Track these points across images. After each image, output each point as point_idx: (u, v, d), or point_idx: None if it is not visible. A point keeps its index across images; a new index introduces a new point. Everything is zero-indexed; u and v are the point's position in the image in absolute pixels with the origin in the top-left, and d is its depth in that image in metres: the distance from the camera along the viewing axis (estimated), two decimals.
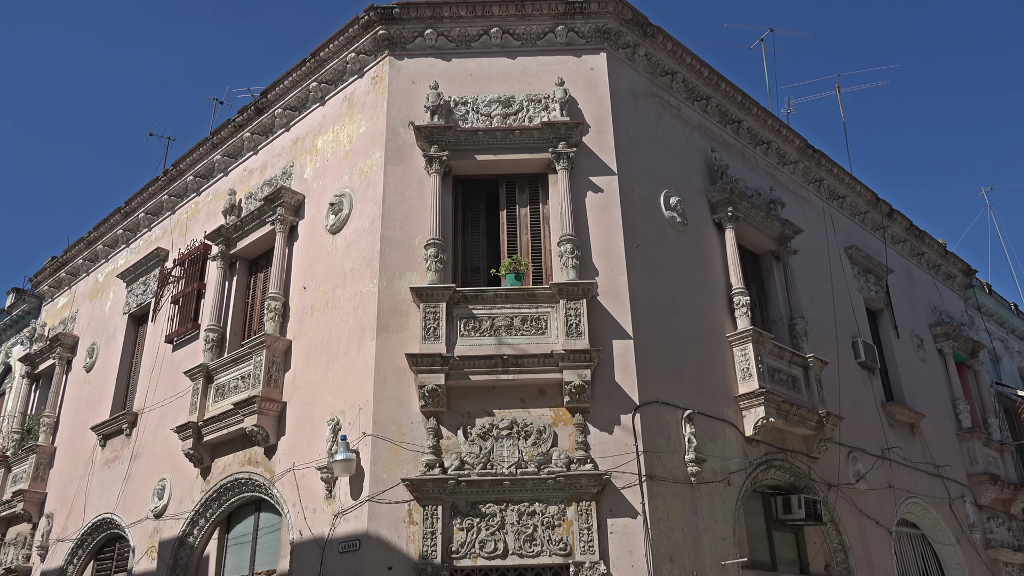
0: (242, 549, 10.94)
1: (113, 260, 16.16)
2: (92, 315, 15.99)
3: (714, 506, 9.78)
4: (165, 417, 12.49)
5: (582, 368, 9.27)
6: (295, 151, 12.49)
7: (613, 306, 9.87)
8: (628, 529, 8.84)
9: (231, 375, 11.27)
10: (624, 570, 8.66)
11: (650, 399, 9.55)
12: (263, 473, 10.50)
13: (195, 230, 13.82)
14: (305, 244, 11.56)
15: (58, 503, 14.40)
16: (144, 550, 11.88)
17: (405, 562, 8.70)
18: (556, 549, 8.75)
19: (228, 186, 13.43)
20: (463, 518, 8.93)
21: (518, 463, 9.10)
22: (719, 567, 9.47)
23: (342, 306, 10.39)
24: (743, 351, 10.96)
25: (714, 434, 10.19)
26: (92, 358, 15.22)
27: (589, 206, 10.42)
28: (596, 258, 10.12)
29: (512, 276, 9.96)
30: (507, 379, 9.35)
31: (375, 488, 9.03)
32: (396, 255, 10.12)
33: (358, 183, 10.99)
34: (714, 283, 11.42)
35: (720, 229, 11.94)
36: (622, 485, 9.00)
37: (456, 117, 10.84)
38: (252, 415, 10.46)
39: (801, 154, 14.51)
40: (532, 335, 9.56)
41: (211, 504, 11.13)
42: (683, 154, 12.01)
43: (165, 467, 12.12)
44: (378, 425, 9.29)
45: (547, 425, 9.29)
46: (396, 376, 9.48)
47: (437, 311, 9.56)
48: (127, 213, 15.69)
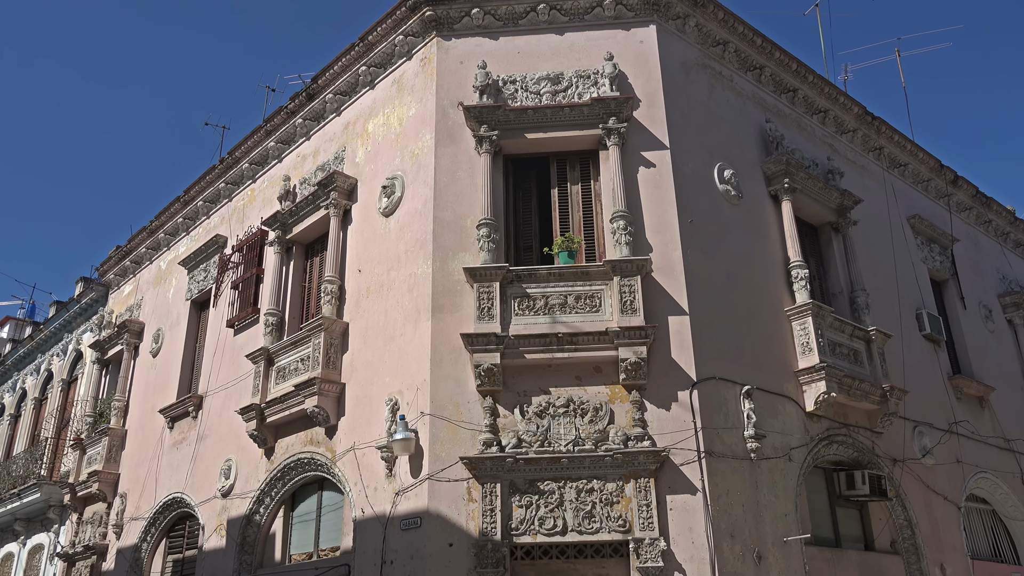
0: (306, 527, 11.21)
1: (174, 248, 16.59)
2: (156, 302, 16.47)
3: (775, 482, 9.66)
4: (229, 399, 12.83)
5: (637, 345, 9.21)
6: (346, 135, 12.61)
7: (668, 282, 9.77)
8: (688, 506, 8.80)
9: (291, 357, 11.51)
10: (684, 546, 8.63)
11: (707, 375, 9.45)
12: (325, 453, 10.73)
13: (252, 216, 14.09)
14: (359, 227, 11.69)
15: (131, 483, 14.95)
16: (213, 528, 12.27)
17: (465, 539, 8.81)
18: (615, 526, 8.76)
19: (282, 172, 13.65)
20: (522, 495, 8.99)
21: (575, 441, 9.11)
22: (781, 544, 9.36)
23: (397, 288, 10.50)
24: (802, 325, 10.76)
25: (774, 410, 10.05)
26: (158, 343, 15.70)
27: (641, 182, 10.30)
28: (650, 234, 10.02)
29: (565, 254, 9.92)
30: (562, 357, 9.35)
31: (434, 467, 9.15)
32: (449, 236, 10.17)
33: (409, 165, 11.05)
34: (771, 257, 11.21)
35: (776, 201, 11.69)
36: (681, 462, 8.95)
37: (505, 96, 10.80)
38: (312, 396, 10.67)
39: (860, 122, 14.09)
40: (586, 313, 9.53)
41: (275, 483, 11.43)
42: (737, 126, 11.77)
43: (230, 448, 12.47)
44: (435, 405, 9.39)
45: (603, 403, 9.28)
46: (452, 356, 9.56)
47: (491, 291, 9.58)
48: (186, 202, 16.08)
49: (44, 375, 21.16)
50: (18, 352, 23.09)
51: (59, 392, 19.79)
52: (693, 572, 8.54)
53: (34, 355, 22.30)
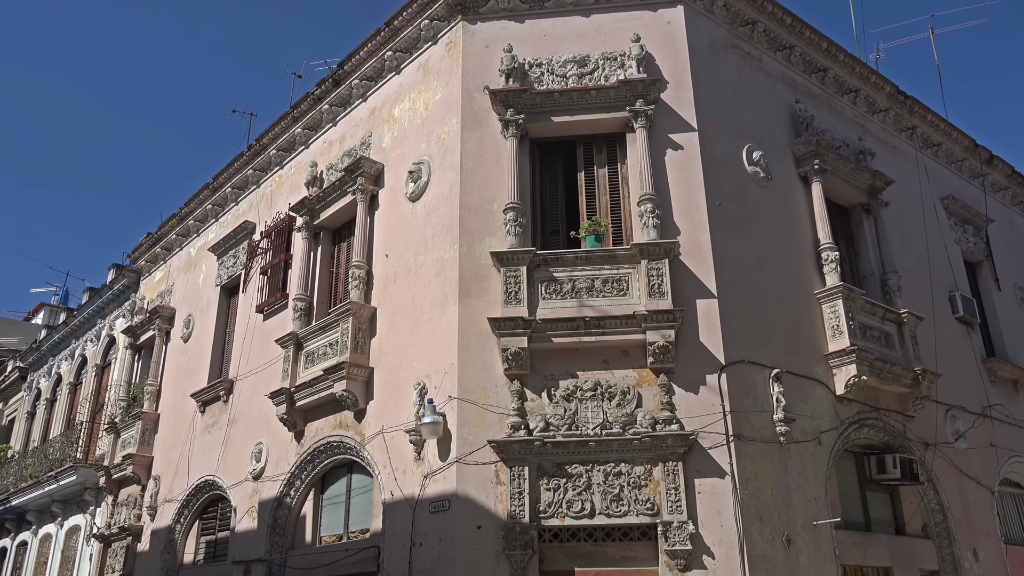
0: (336, 509, 11.35)
1: (204, 234, 16.77)
2: (187, 288, 16.68)
3: (804, 466, 9.60)
4: (259, 384, 12.99)
5: (665, 328, 9.17)
6: (373, 121, 12.63)
7: (696, 265, 9.70)
8: (716, 489, 8.77)
9: (320, 342, 11.61)
10: (713, 530, 8.62)
11: (736, 359, 9.39)
12: (354, 436, 10.83)
13: (280, 203, 14.19)
14: (386, 212, 11.73)
15: (164, 466, 15.22)
16: (245, 510, 12.45)
17: (494, 521, 8.87)
18: (643, 509, 8.76)
19: (309, 158, 13.71)
20: (549, 478, 9.02)
21: (603, 424, 9.11)
22: (811, 527, 9.32)
23: (424, 272, 10.53)
24: (833, 308, 10.64)
25: (803, 393, 9.97)
26: (188, 329, 15.92)
27: (669, 164, 10.22)
28: (677, 217, 9.95)
29: (592, 238, 9.89)
30: (589, 341, 9.33)
31: (462, 450, 9.20)
32: (475, 220, 10.17)
33: (436, 150, 11.05)
34: (801, 239, 11.09)
35: (806, 183, 11.55)
36: (709, 445, 8.92)
37: (531, 79, 10.74)
38: (341, 380, 10.77)
39: (892, 101, 13.85)
40: (614, 296, 9.50)
41: (306, 466, 11.57)
42: (766, 106, 11.63)
43: (261, 431, 12.63)
44: (463, 388, 9.43)
45: (631, 386, 9.26)
46: (479, 340, 9.58)
47: (518, 275, 9.58)
48: (215, 188, 16.23)
49: (78, 360, 21.56)
50: (53, 338, 23.54)
51: (93, 377, 20.15)
52: (722, 555, 8.52)
53: (68, 341, 22.72)
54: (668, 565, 8.54)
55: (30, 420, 24.15)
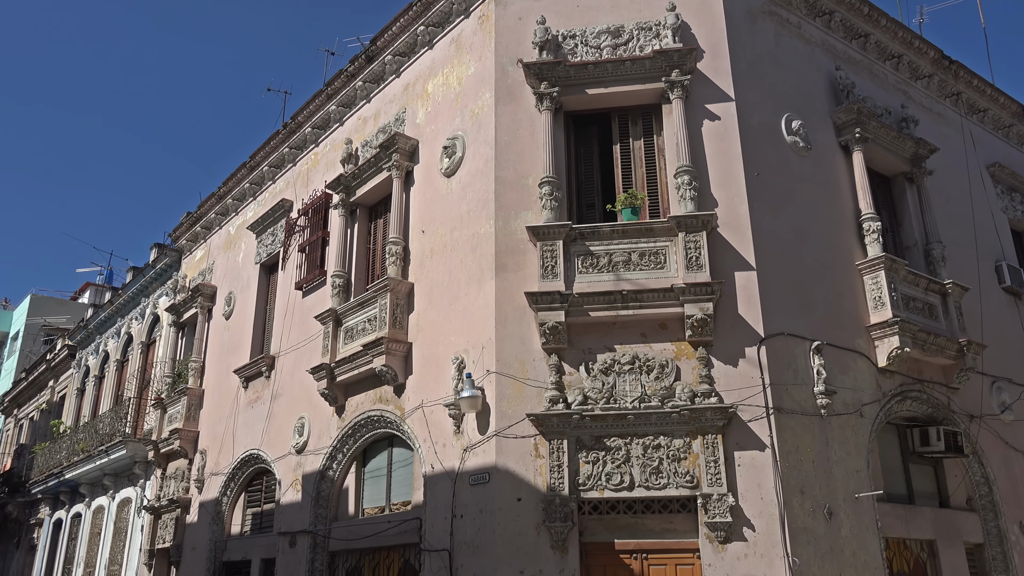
0: (378, 482, 11.54)
1: (242, 213, 16.99)
2: (227, 266, 16.95)
3: (846, 438, 9.52)
4: (300, 359, 13.20)
5: (703, 301, 9.11)
6: (406, 97, 12.64)
7: (734, 237, 9.60)
8: (756, 462, 8.75)
9: (358, 318, 11.75)
10: (753, 502, 8.61)
11: (776, 331, 9.31)
12: (394, 410, 10.98)
13: (316, 180, 14.31)
14: (421, 188, 11.77)
15: (210, 440, 15.58)
16: (289, 483, 12.73)
17: (533, 494, 8.96)
18: (683, 481, 8.78)
19: (344, 135, 13.78)
20: (588, 451, 9.07)
21: (641, 397, 9.12)
22: (852, 500, 9.26)
23: (460, 248, 10.57)
24: (874, 279, 10.48)
25: (845, 365, 9.86)
26: (230, 306, 16.20)
27: (706, 135, 10.08)
28: (715, 189, 9.83)
29: (628, 211, 9.82)
30: (627, 314, 9.32)
31: (501, 423, 9.28)
32: (511, 195, 10.16)
33: (470, 125, 11.03)
34: (841, 209, 10.90)
35: (847, 152, 11.33)
36: (749, 418, 8.88)
37: (565, 51, 10.64)
38: (380, 356, 10.90)
39: (936, 67, 13.47)
40: (651, 270, 9.45)
41: (347, 440, 11.76)
42: (805, 75, 11.39)
43: (303, 406, 12.86)
44: (501, 363, 9.49)
45: (669, 359, 9.24)
46: (516, 314, 9.62)
47: (554, 249, 9.57)
48: (252, 167, 16.40)
49: (124, 338, 22.08)
50: (99, 317, 24.12)
51: (139, 354, 20.64)
52: (762, 527, 8.52)
53: (114, 319, 23.26)
54: (708, 537, 8.57)
55: (80, 396, 24.86)
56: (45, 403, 28.61)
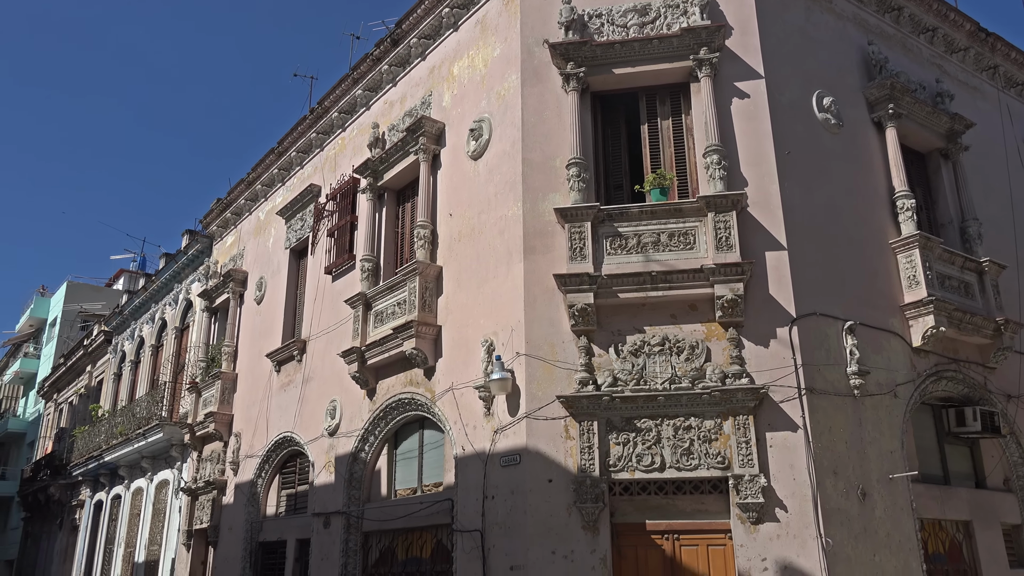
0: (410, 464, 11.66)
1: (272, 198, 17.13)
2: (257, 251, 17.13)
3: (880, 419, 9.43)
4: (331, 343, 13.33)
5: (734, 282, 9.04)
6: (432, 80, 12.62)
7: (765, 217, 9.50)
8: (788, 443, 8.70)
9: (388, 302, 11.82)
10: (785, 483, 8.57)
11: (808, 311, 9.21)
12: (424, 393, 11.06)
13: (344, 165, 14.37)
14: (448, 172, 11.78)
15: (244, 423, 15.83)
16: (322, 465, 12.90)
17: (564, 475, 8.99)
18: (714, 463, 8.76)
19: (371, 120, 13.81)
20: (619, 433, 9.07)
21: (671, 379, 9.10)
22: (887, 481, 9.18)
23: (488, 230, 10.58)
24: (908, 258, 10.32)
25: (878, 345, 9.74)
26: (261, 291, 16.38)
27: (735, 113, 9.96)
28: (745, 167, 9.72)
29: (657, 191, 9.76)
30: (656, 296, 9.27)
31: (531, 405, 9.32)
32: (538, 177, 10.13)
33: (496, 107, 11.00)
34: (874, 187, 10.73)
35: (880, 128, 11.12)
36: (780, 399, 8.82)
37: (591, 31, 10.55)
38: (410, 339, 10.97)
39: (972, 39, 13.15)
40: (680, 250, 9.39)
41: (378, 422, 11.89)
42: (836, 50, 11.18)
43: (334, 389, 13.00)
44: (530, 345, 9.51)
45: (699, 340, 9.19)
46: (545, 297, 9.62)
47: (582, 231, 9.54)
48: (280, 153, 16.51)
49: (159, 323, 22.44)
50: (134, 303, 24.53)
51: (173, 339, 20.98)
52: (795, 508, 8.49)
53: (148, 305, 23.65)
54: (740, 518, 8.55)
55: (117, 381, 25.35)
56: (83, 388, 29.22)
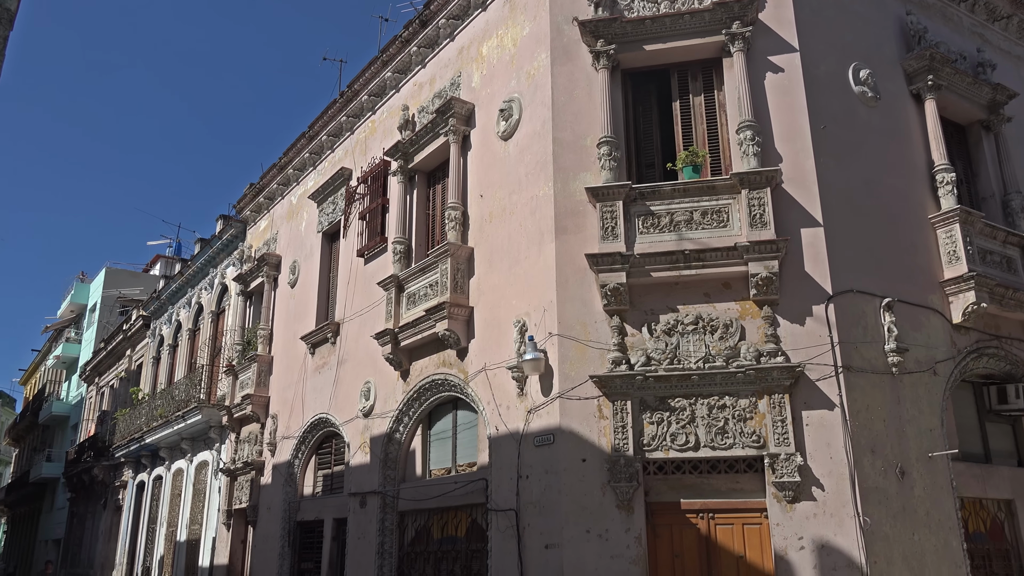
0: (444, 444, 11.75)
1: (303, 183, 17.26)
2: (290, 235, 17.29)
3: (919, 397, 9.29)
4: (364, 325, 13.44)
5: (768, 259, 8.93)
6: (461, 60, 12.58)
7: (800, 193, 9.35)
8: (825, 421, 8.61)
9: (420, 283, 11.88)
10: (822, 462, 8.49)
11: (844, 288, 9.08)
12: (457, 374, 11.12)
13: (374, 148, 14.41)
14: (479, 152, 11.76)
15: (280, 405, 16.06)
16: (357, 445, 13.06)
17: (598, 454, 9.00)
18: (749, 441, 8.71)
19: (401, 102, 13.82)
20: (652, 412, 9.05)
21: (705, 358, 9.04)
22: (926, 459, 9.06)
23: (519, 211, 10.55)
24: (948, 233, 10.11)
25: (917, 322, 9.58)
26: (294, 274, 16.55)
27: (769, 88, 9.80)
28: (779, 143, 9.57)
29: (689, 169, 9.65)
30: (689, 274, 9.20)
31: (564, 385, 9.32)
32: (569, 156, 10.07)
33: (526, 87, 10.93)
34: (913, 161, 10.51)
35: (919, 101, 10.88)
36: (817, 377, 8.73)
37: (621, 7, 10.41)
38: (443, 320, 11.02)
39: (1015, 6, 12.78)
40: (713, 228, 9.30)
41: (412, 403, 11.98)
42: (873, 21, 10.93)
43: (368, 371, 13.12)
44: (563, 325, 9.50)
45: (733, 319, 9.11)
46: (577, 277, 9.59)
47: (614, 210, 9.48)
48: (311, 137, 16.60)
49: (195, 308, 22.80)
50: (170, 288, 24.93)
51: (209, 323, 21.30)
52: (832, 487, 8.41)
53: (185, 290, 24.02)
54: (776, 497, 8.51)
55: (156, 364, 25.84)
56: (124, 371, 29.84)
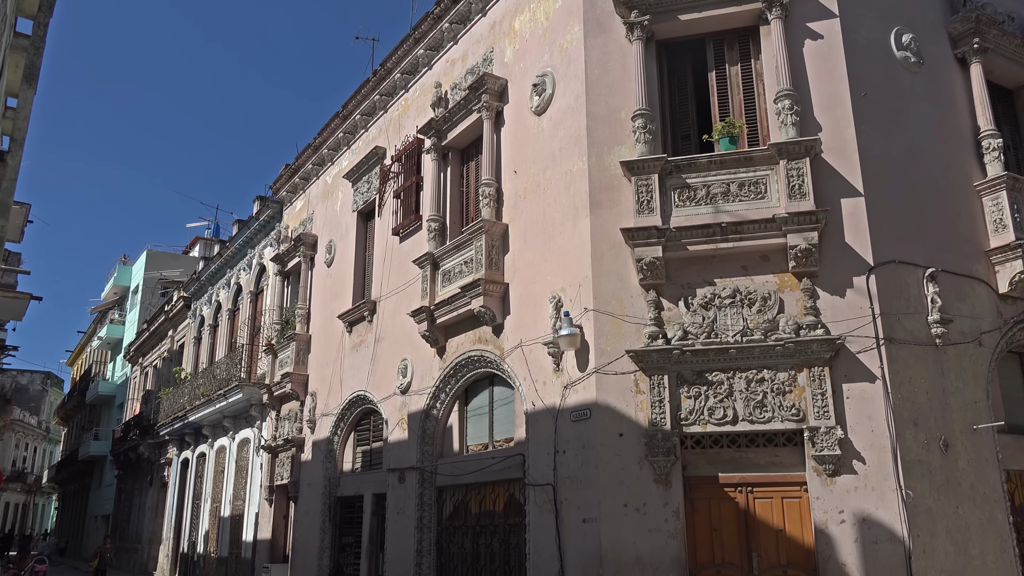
0: (480, 420, 11.83)
1: (338, 162, 17.35)
2: (326, 215, 17.42)
3: (963, 368, 9.12)
4: (400, 303, 13.53)
5: (808, 231, 8.79)
6: (493, 35, 12.49)
7: (840, 163, 9.17)
8: (866, 394, 8.49)
9: (455, 261, 11.91)
10: (863, 435, 8.39)
11: (886, 259, 8.91)
12: (493, 350, 11.16)
13: (407, 126, 14.42)
14: (512, 128, 11.70)
15: (319, 383, 16.28)
16: (395, 422, 13.20)
17: (635, 429, 8.99)
18: (788, 415, 8.63)
19: (433, 79, 13.79)
20: (690, 386, 9.01)
21: (743, 331, 8.95)
22: (970, 431, 8.91)
23: (553, 186, 10.50)
24: (995, 200, 9.85)
25: (961, 293, 9.38)
26: (331, 254, 16.70)
27: (808, 56, 9.59)
28: (818, 112, 9.38)
29: (726, 140, 9.51)
30: (726, 247, 9.10)
31: (600, 360, 9.31)
32: (603, 130, 9.98)
33: (559, 60, 10.83)
34: (958, 127, 10.24)
35: (964, 65, 10.57)
36: (857, 349, 8.60)
37: None
38: (478, 297, 11.05)
39: None
40: (751, 200, 9.16)
41: (449, 380, 12.07)
42: None
43: (405, 348, 13.23)
44: (598, 300, 9.47)
45: (772, 292, 9.00)
46: (613, 251, 9.54)
47: (649, 183, 9.39)
48: (345, 116, 16.66)
49: (234, 288, 23.14)
50: (210, 269, 25.32)
51: (248, 303, 21.62)
52: (873, 460, 8.31)
53: (224, 271, 24.38)
54: (816, 470, 8.43)
55: (197, 344, 26.34)
56: (166, 351, 30.47)
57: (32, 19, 8.74)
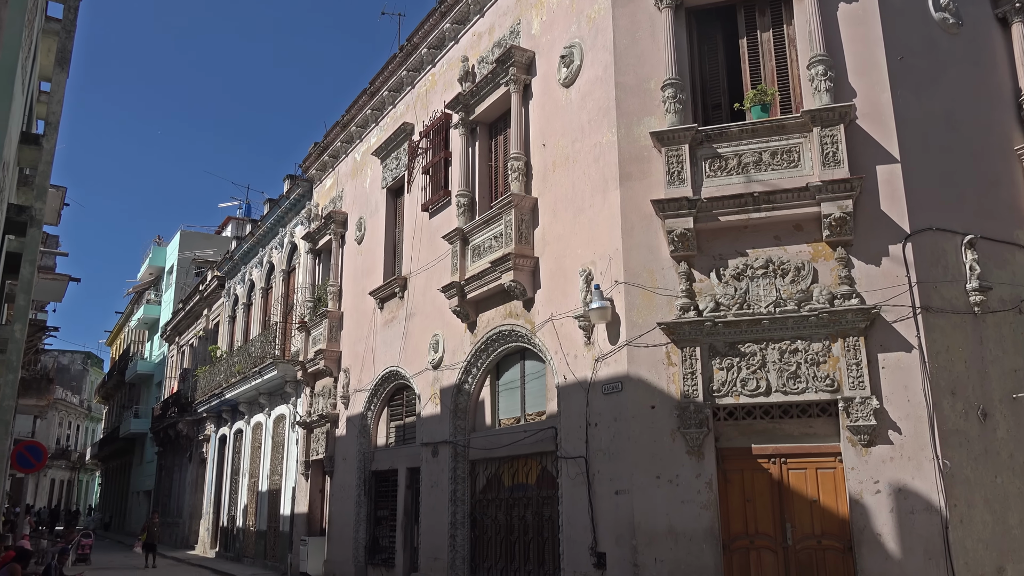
0: (512, 394, 11.89)
1: (366, 139, 17.38)
2: (355, 192, 17.50)
3: (1003, 336, 8.96)
4: (431, 279, 13.59)
5: (842, 199, 8.65)
6: (520, 7, 12.37)
7: (875, 129, 8.99)
8: (902, 363, 8.38)
9: (485, 236, 11.91)
10: (899, 405, 8.30)
11: (923, 226, 8.75)
12: (524, 325, 11.18)
13: (435, 101, 14.38)
14: (540, 101, 11.62)
15: (351, 359, 16.45)
16: (428, 397, 13.32)
17: (667, 401, 8.98)
18: (822, 385, 8.55)
19: (460, 54, 13.72)
20: (722, 358, 8.96)
21: (776, 302, 8.87)
22: (1010, 400, 8.77)
23: (583, 159, 10.43)
24: None
25: (1001, 260, 9.19)
26: (361, 231, 16.79)
27: (842, 19, 9.38)
28: (853, 77, 9.19)
29: (758, 108, 9.36)
30: (759, 217, 8.99)
31: (631, 333, 9.28)
32: (632, 100, 9.87)
33: (587, 31, 10.71)
34: (998, 90, 9.97)
35: (1005, 25, 10.28)
36: (893, 319, 8.48)
37: None
38: (508, 271, 11.06)
39: None
40: (783, 169, 9.03)
41: (480, 355, 12.12)
42: None
43: (436, 324, 13.31)
44: (629, 273, 9.43)
45: (805, 261, 8.89)
46: (643, 223, 9.48)
47: (680, 154, 9.29)
48: (372, 93, 16.66)
49: (267, 267, 23.40)
50: (242, 248, 25.61)
51: (281, 281, 21.86)
52: (909, 430, 8.23)
53: (256, 250, 24.64)
54: (851, 441, 8.37)
55: (231, 323, 26.72)
56: (202, 330, 30.97)
57: (62, 2, 8.84)
